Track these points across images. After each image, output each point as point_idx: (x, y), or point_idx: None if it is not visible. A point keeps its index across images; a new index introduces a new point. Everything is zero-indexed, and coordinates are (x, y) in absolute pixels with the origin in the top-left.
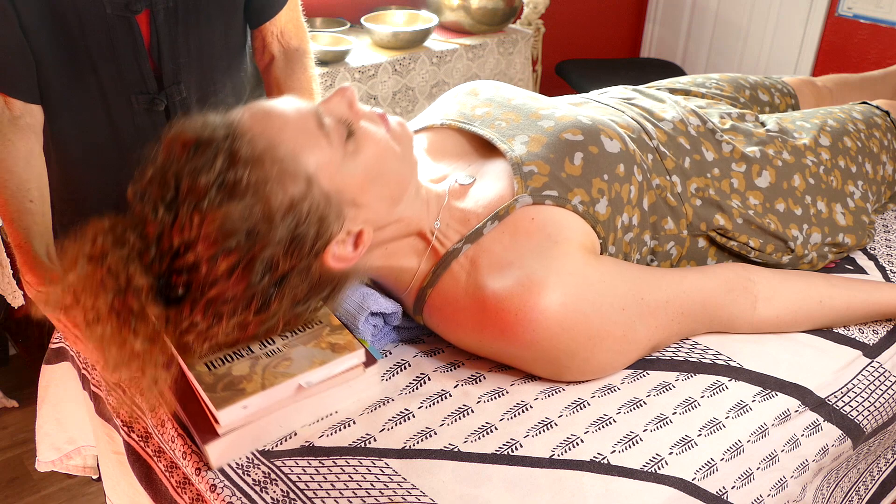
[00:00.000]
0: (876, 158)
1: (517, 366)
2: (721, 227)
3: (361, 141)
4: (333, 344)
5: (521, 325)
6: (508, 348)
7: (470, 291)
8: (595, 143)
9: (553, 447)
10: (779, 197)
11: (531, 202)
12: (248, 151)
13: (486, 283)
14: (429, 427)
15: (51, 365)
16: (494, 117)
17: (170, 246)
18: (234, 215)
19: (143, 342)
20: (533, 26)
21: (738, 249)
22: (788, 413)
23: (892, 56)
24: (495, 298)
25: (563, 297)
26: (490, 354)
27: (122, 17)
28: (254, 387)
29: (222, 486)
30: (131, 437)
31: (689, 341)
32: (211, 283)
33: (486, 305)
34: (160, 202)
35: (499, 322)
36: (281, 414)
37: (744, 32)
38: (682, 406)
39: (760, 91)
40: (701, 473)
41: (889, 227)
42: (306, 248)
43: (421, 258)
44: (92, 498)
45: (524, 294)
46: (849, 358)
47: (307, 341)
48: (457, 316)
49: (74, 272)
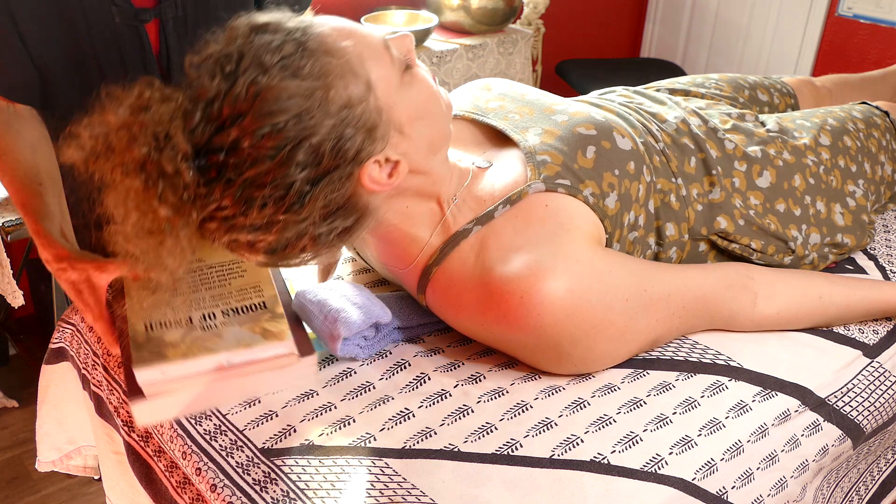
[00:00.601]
0: (874, 158)
1: (516, 353)
2: (723, 230)
3: (416, 77)
4: (266, 330)
5: (526, 308)
6: (510, 333)
7: (476, 273)
8: (608, 139)
9: (553, 447)
10: (779, 197)
11: (544, 189)
12: (316, 43)
13: (493, 265)
14: (429, 427)
15: (51, 365)
16: (508, 110)
17: (218, 114)
18: (291, 93)
19: (168, 211)
20: (533, 26)
21: (739, 252)
22: (788, 413)
23: (892, 56)
24: (501, 281)
25: (570, 284)
26: (491, 340)
27: (131, 27)
28: (175, 354)
29: (222, 486)
30: (131, 436)
31: (689, 341)
32: (251, 163)
33: (492, 287)
34: (218, 71)
35: (503, 305)
36: (208, 390)
37: (744, 32)
38: (682, 406)
39: (760, 91)
40: (701, 473)
41: (889, 227)
42: (350, 152)
43: (432, 231)
44: (92, 498)
45: (531, 278)
46: (849, 358)
47: (244, 323)
48: (461, 297)
49: (114, 116)
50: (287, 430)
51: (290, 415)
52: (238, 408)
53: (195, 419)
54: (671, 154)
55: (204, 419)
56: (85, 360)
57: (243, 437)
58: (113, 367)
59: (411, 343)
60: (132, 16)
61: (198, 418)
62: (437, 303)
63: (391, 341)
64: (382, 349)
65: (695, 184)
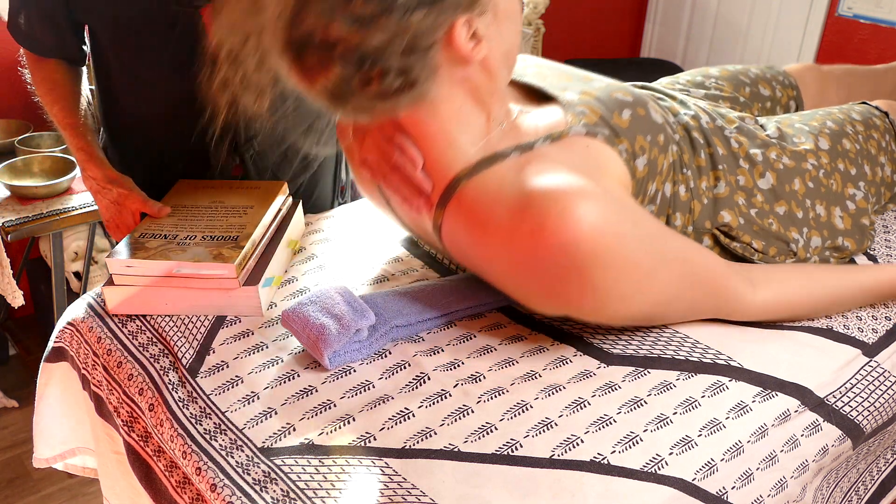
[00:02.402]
0: (874, 160)
1: (531, 287)
2: (726, 224)
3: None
4: (220, 254)
5: (564, 221)
6: (538, 252)
7: (515, 186)
8: (643, 108)
9: (553, 447)
10: (780, 199)
11: (584, 133)
12: None
13: (535, 178)
14: (429, 427)
15: (51, 363)
16: (545, 75)
17: None
18: None
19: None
20: (533, 26)
21: (741, 251)
22: (788, 413)
23: (891, 56)
24: (543, 191)
25: (607, 213)
26: (505, 267)
27: (187, 11)
28: (142, 255)
29: (222, 486)
30: (131, 436)
31: (689, 340)
32: None
33: (532, 197)
34: None
35: (540, 216)
36: (161, 291)
37: (744, 32)
38: (682, 406)
39: (761, 85)
40: (701, 474)
41: (889, 227)
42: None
43: (474, 143)
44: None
45: (572, 195)
46: (848, 357)
47: (209, 246)
48: (491, 211)
49: None
50: (287, 429)
51: (290, 412)
52: (237, 405)
53: (195, 419)
54: (683, 146)
55: (204, 419)
56: (85, 360)
57: (243, 437)
58: (113, 367)
59: (411, 343)
60: (188, 1)
61: (198, 418)
62: (457, 220)
63: (390, 340)
64: (382, 348)
65: (703, 177)
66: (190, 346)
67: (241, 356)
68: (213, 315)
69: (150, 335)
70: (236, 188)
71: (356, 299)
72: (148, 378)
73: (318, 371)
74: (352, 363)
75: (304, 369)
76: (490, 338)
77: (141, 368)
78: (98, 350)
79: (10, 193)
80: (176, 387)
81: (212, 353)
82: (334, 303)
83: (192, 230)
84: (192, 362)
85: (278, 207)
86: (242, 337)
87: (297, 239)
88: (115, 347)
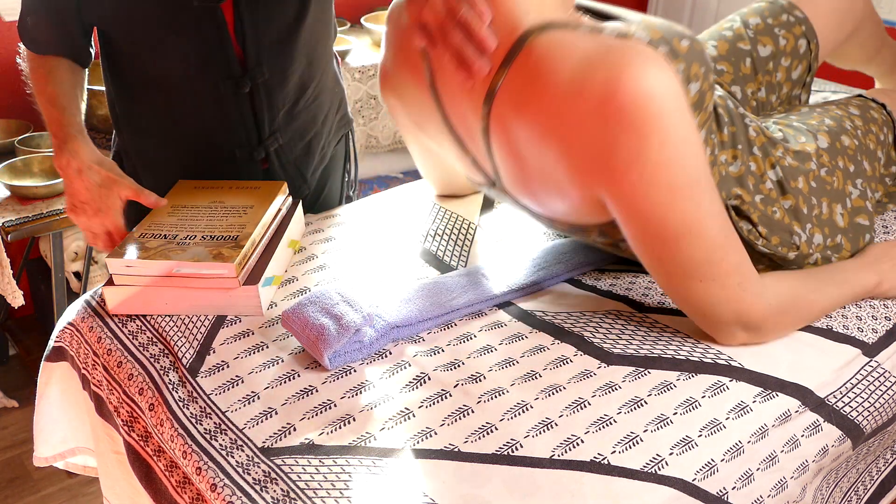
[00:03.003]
0: (872, 155)
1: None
2: (738, 196)
3: None
4: (220, 254)
5: (644, 76)
6: (605, 102)
7: (595, 40)
8: (699, 43)
9: (553, 447)
10: (787, 194)
11: (647, 42)
12: None
13: (615, 35)
14: (429, 427)
15: (51, 363)
16: None
17: None
18: None
19: None
20: None
21: (746, 234)
22: (789, 413)
23: None
24: (626, 43)
25: (679, 97)
26: (559, 127)
27: (208, 8)
28: (142, 255)
29: (223, 486)
30: (131, 436)
31: (689, 340)
32: None
33: (613, 48)
34: None
35: (617, 68)
36: (162, 291)
37: None
38: (682, 406)
39: (761, 44)
40: (701, 474)
41: (889, 227)
42: None
43: (553, 7)
44: (92, 498)
45: (655, 57)
46: (848, 357)
47: (209, 246)
48: (564, 62)
49: None
50: (287, 429)
51: (290, 412)
52: (237, 404)
53: (195, 418)
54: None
55: (204, 418)
56: (85, 360)
57: (243, 437)
58: (113, 367)
59: (411, 343)
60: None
61: (198, 417)
62: (522, 76)
63: (390, 340)
64: (382, 348)
65: (724, 151)
66: (190, 346)
67: (241, 356)
68: (214, 315)
69: (151, 335)
70: (236, 188)
71: (356, 299)
72: (148, 378)
73: (319, 371)
74: (352, 363)
75: (304, 369)
76: (490, 338)
77: (141, 368)
78: (98, 350)
79: (10, 193)
80: (176, 387)
81: (212, 353)
82: (334, 303)
83: (192, 230)
84: (192, 362)
85: (278, 207)
86: (243, 337)
87: (298, 239)
88: (116, 347)
